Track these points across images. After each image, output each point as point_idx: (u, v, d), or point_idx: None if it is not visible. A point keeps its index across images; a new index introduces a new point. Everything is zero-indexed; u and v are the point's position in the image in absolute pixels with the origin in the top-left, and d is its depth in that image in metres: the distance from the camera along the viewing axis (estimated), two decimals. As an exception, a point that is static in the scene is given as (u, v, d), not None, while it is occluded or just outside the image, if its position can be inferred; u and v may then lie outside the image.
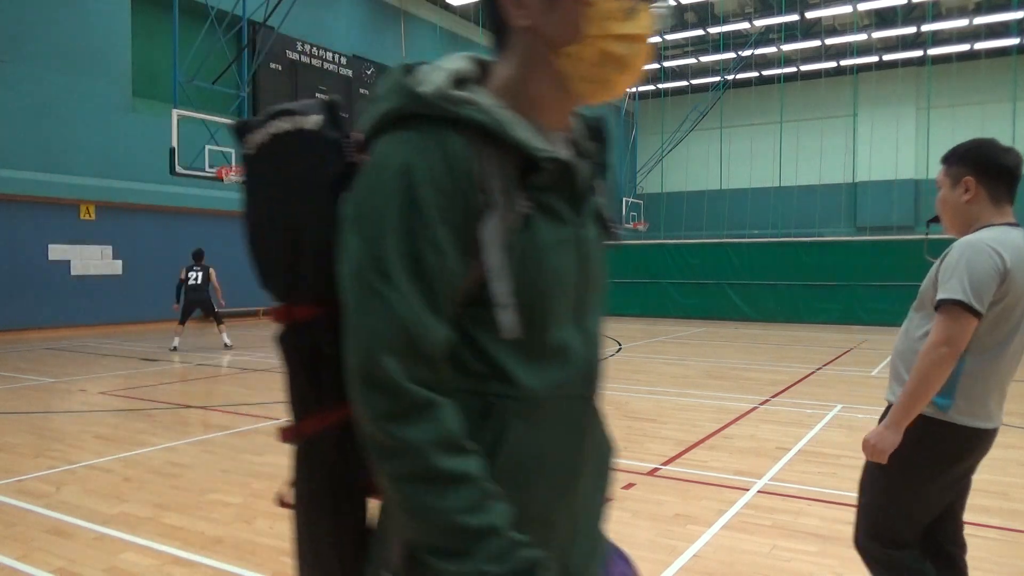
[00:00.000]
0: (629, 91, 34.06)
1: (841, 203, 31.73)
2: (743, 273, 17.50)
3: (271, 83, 18.10)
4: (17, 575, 3.21)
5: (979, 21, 23.93)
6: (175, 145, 13.06)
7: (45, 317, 14.20)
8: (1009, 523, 3.90)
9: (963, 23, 24.33)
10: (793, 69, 30.88)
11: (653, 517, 3.93)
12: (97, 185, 14.84)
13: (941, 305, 2.07)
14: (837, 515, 3.97)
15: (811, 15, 24.67)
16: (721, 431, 6.00)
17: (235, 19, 15.05)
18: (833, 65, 29.67)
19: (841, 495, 4.32)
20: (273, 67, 18.03)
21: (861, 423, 6.30)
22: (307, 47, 19.15)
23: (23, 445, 5.55)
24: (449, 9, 24.29)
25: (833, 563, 3.35)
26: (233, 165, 14.50)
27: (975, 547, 3.36)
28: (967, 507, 2.41)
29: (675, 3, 23.34)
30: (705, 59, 29.92)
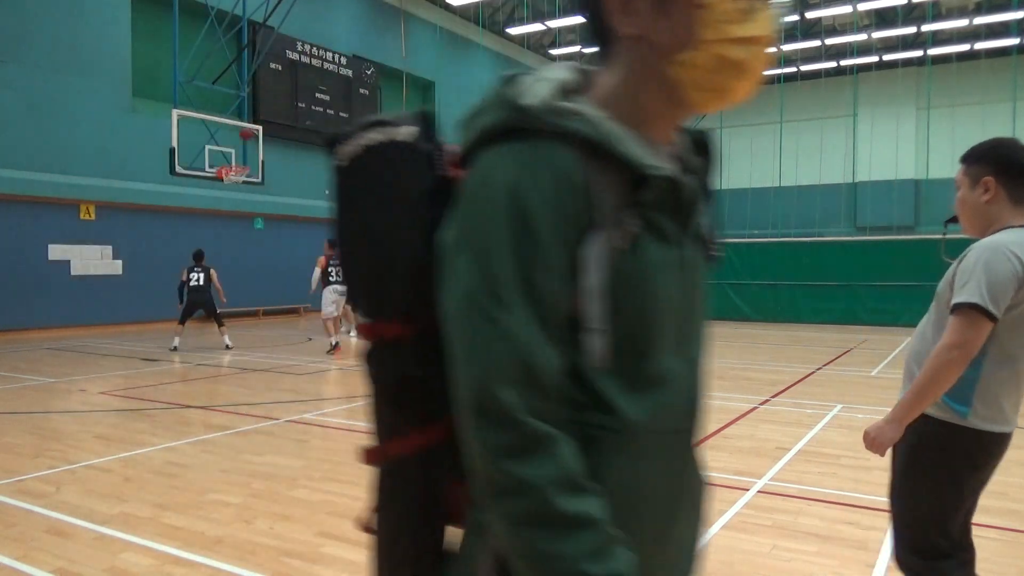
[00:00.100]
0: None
1: (841, 203, 31.74)
2: (743, 273, 17.50)
3: (271, 83, 18.12)
4: (17, 575, 3.21)
5: (979, 21, 23.94)
6: (175, 145, 13.06)
7: (45, 317, 14.21)
8: (1009, 523, 3.90)
9: (963, 23, 24.34)
10: (793, 69, 30.90)
11: (653, 517, 3.92)
12: (97, 185, 14.85)
13: (957, 308, 2.03)
14: (837, 515, 3.97)
15: (811, 15, 24.67)
16: (721, 431, 6.00)
17: (235, 19, 15.06)
18: (833, 65, 29.70)
19: (841, 495, 4.32)
20: (273, 67, 18.05)
21: (861, 423, 6.30)
22: (307, 47, 19.16)
23: (23, 445, 5.55)
24: (449, 9, 24.29)
25: (833, 563, 3.35)
26: (233, 165, 14.50)
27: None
28: (967, 507, 2.41)
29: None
30: (705, 59, 29.87)
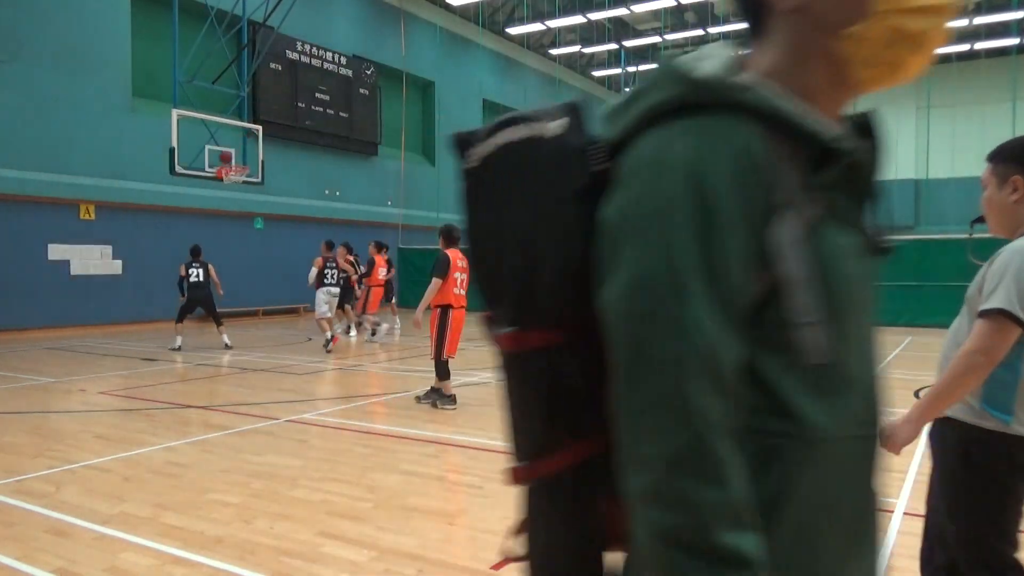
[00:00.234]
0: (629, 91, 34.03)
1: (841, 203, 31.74)
2: (743, 273, 17.49)
3: (271, 83, 18.12)
4: (17, 575, 3.21)
5: (979, 21, 23.94)
6: (175, 145, 13.07)
7: (45, 317, 14.21)
8: None
9: (963, 23, 24.35)
10: (793, 69, 30.87)
11: (653, 517, 3.92)
12: (97, 185, 14.85)
13: (984, 314, 1.99)
14: (837, 515, 3.96)
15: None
16: (721, 431, 5.99)
17: (235, 19, 15.05)
18: (833, 65, 29.68)
19: (841, 495, 4.31)
20: (273, 67, 18.05)
21: (861, 423, 6.29)
22: (307, 47, 19.17)
23: (23, 445, 5.55)
24: (449, 9, 24.30)
25: (833, 563, 3.34)
26: (233, 165, 14.50)
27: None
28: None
29: (675, 3, 23.35)
30: (705, 59, 29.88)
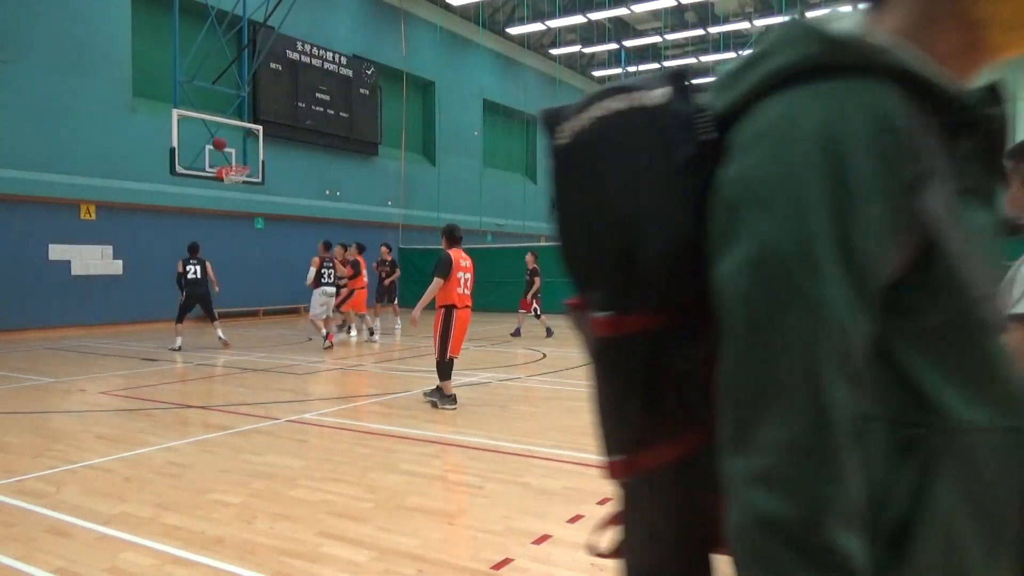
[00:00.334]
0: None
1: (841, 203, 31.72)
2: (743, 273, 17.49)
3: (271, 83, 18.13)
4: (17, 575, 3.21)
5: (979, 21, 23.94)
6: (175, 145, 13.06)
7: (45, 317, 14.22)
8: None
9: (963, 23, 24.35)
10: (793, 69, 30.88)
11: (653, 517, 3.92)
12: (97, 185, 14.86)
13: (1012, 319, 1.89)
14: (837, 515, 3.96)
15: (811, 15, 24.67)
16: (721, 431, 5.99)
17: (235, 19, 15.05)
18: (833, 65, 29.68)
19: (841, 495, 4.31)
20: (273, 67, 18.06)
21: (861, 423, 6.29)
22: (307, 47, 19.17)
23: (23, 445, 5.55)
24: (449, 9, 24.30)
25: (833, 563, 3.34)
26: (233, 165, 14.50)
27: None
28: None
29: (675, 3, 23.35)
30: (705, 59, 29.92)
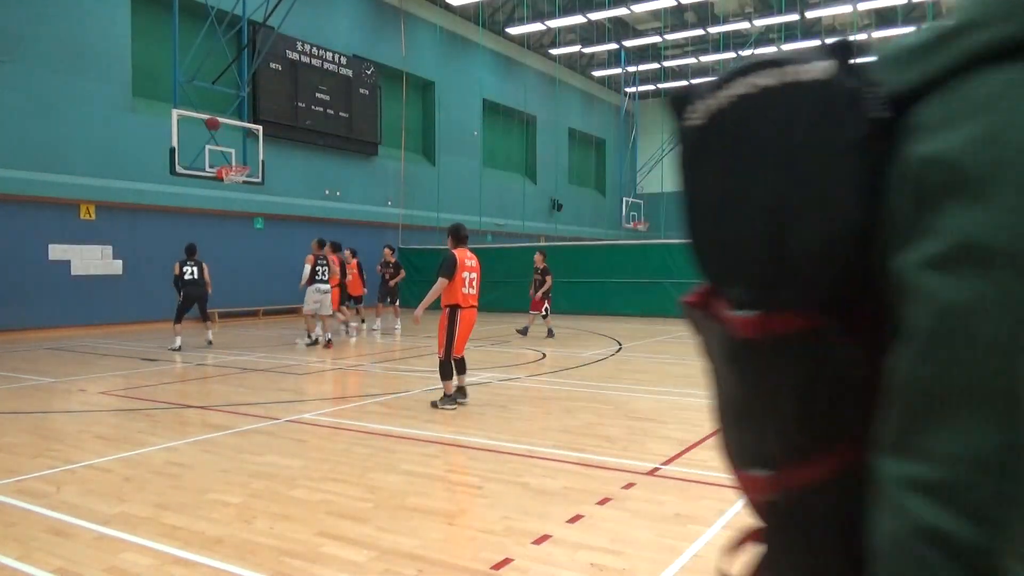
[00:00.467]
0: (629, 91, 34.08)
1: (841, 203, 31.74)
2: (743, 273, 17.49)
3: (271, 83, 18.13)
4: (17, 575, 3.21)
5: (979, 21, 23.93)
6: (175, 145, 13.07)
7: (45, 317, 14.21)
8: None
9: (963, 23, 24.33)
10: (793, 69, 30.87)
11: (653, 517, 3.92)
12: (97, 185, 14.85)
13: None
14: (837, 515, 3.97)
15: (811, 15, 24.67)
16: (721, 431, 5.99)
17: (235, 19, 15.05)
18: (833, 65, 29.69)
19: (841, 495, 4.32)
20: (273, 67, 18.05)
21: (861, 423, 6.29)
22: (307, 47, 19.17)
23: (23, 445, 5.55)
24: (449, 9, 24.30)
25: (833, 563, 3.34)
26: (233, 165, 14.50)
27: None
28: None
29: (675, 3, 23.34)
30: (705, 59, 29.91)
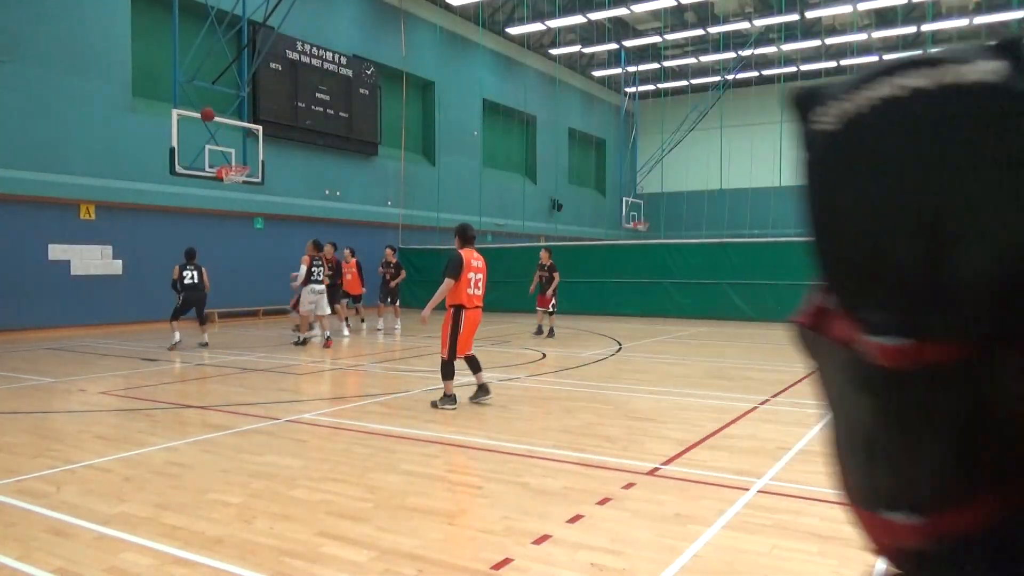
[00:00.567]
0: (629, 91, 34.07)
1: (841, 203, 31.73)
2: (743, 273, 17.49)
3: (271, 83, 18.13)
4: (17, 575, 3.21)
5: (979, 21, 23.92)
6: (175, 145, 13.06)
7: (45, 317, 14.21)
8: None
9: (963, 23, 24.33)
10: (793, 69, 30.87)
11: (653, 517, 3.92)
12: (97, 185, 14.85)
13: None
14: (837, 515, 3.97)
15: (811, 15, 24.66)
16: (721, 431, 6.00)
17: (235, 19, 15.05)
18: (833, 65, 29.69)
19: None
20: (273, 67, 18.05)
21: (861, 423, 6.29)
22: (307, 47, 19.17)
23: (23, 445, 5.55)
24: (449, 9, 24.29)
25: (833, 563, 3.34)
26: (233, 165, 14.49)
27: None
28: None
29: (675, 3, 23.33)
30: (705, 59, 29.90)
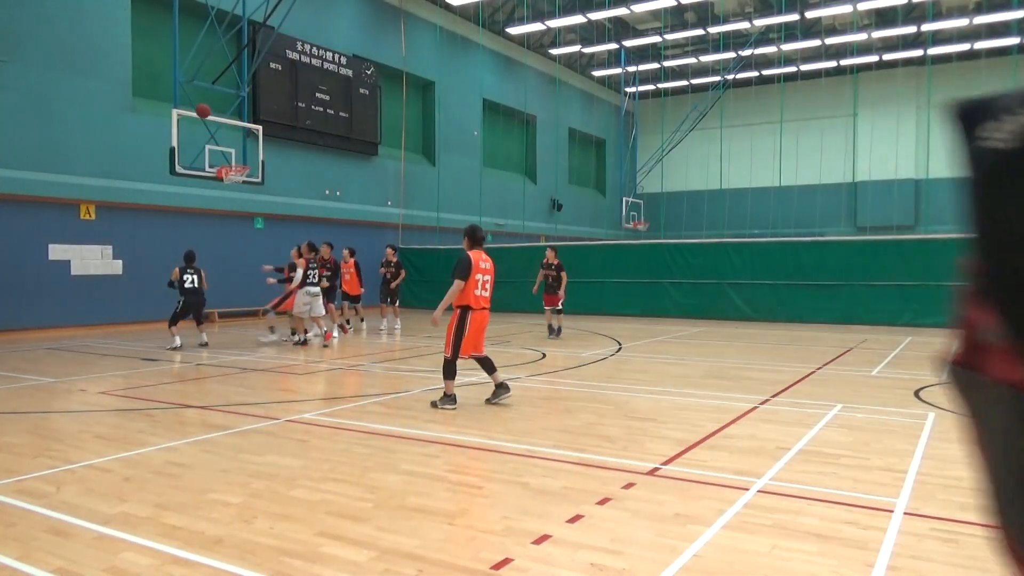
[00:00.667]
0: (629, 91, 34.07)
1: (841, 203, 31.74)
2: (743, 273, 17.49)
3: (271, 83, 18.13)
4: (17, 575, 3.21)
5: (979, 21, 23.92)
6: (175, 145, 13.06)
7: (45, 317, 14.21)
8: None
9: (963, 23, 24.33)
10: (793, 69, 30.88)
11: (653, 517, 3.92)
12: (97, 185, 14.85)
13: None
14: (837, 515, 3.97)
15: (811, 15, 24.66)
16: (721, 431, 6.00)
17: (235, 19, 15.05)
18: (833, 65, 29.69)
19: (841, 495, 4.32)
20: (273, 67, 18.06)
21: (861, 423, 6.30)
22: (307, 47, 19.17)
23: (23, 445, 5.55)
24: (449, 9, 24.30)
25: (833, 563, 3.34)
26: (233, 165, 14.49)
27: (975, 547, 3.36)
28: (969, 507, 2.40)
29: (675, 3, 23.33)
30: (705, 59, 29.90)
